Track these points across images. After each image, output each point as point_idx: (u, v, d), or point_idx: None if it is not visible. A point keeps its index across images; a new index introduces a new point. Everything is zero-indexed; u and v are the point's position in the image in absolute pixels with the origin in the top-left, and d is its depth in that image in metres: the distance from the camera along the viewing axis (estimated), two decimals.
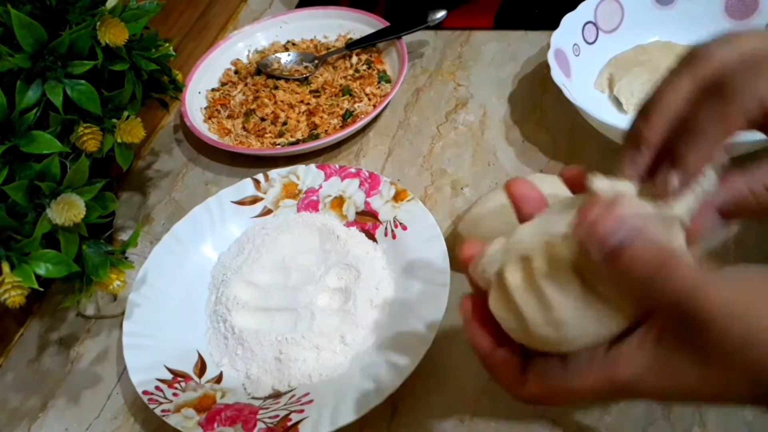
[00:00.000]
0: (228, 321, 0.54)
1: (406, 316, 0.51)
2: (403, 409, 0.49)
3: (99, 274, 0.46)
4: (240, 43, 0.82)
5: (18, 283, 0.42)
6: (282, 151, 0.67)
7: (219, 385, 0.51)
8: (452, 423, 0.48)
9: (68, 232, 0.44)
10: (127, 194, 0.70)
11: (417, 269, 0.54)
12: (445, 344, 0.51)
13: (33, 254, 0.43)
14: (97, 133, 0.48)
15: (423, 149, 0.67)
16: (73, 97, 0.47)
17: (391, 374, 0.47)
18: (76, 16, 0.48)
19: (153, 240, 0.63)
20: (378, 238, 0.58)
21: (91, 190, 0.46)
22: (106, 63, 0.50)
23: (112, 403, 0.54)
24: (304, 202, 0.62)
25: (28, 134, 0.45)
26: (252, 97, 0.76)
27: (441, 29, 0.80)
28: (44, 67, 0.46)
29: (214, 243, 0.61)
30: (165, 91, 0.58)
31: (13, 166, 0.45)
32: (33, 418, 0.54)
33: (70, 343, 0.58)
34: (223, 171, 0.71)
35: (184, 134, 0.76)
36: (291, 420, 0.46)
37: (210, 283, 0.58)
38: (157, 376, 0.51)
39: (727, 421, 0.45)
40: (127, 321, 0.54)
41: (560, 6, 0.67)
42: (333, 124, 0.71)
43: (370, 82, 0.74)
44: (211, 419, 0.48)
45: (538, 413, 0.47)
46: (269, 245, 0.58)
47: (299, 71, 0.78)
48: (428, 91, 0.74)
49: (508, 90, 0.71)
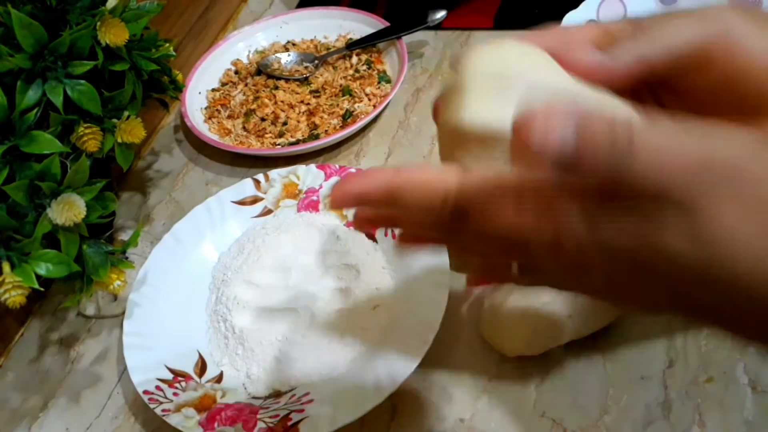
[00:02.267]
0: (228, 321, 0.54)
1: (406, 316, 0.51)
2: (403, 409, 0.49)
3: (99, 274, 0.46)
4: (240, 43, 0.82)
5: (18, 283, 0.42)
6: (282, 151, 0.67)
7: (219, 384, 0.51)
8: (452, 423, 0.48)
9: (68, 232, 0.44)
10: (127, 194, 0.70)
11: (417, 269, 0.54)
12: (445, 344, 0.51)
13: (33, 254, 0.43)
14: (97, 133, 0.48)
15: (423, 149, 0.68)
16: (73, 97, 0.47)
17: (391, 374, 0.47)
18: (76, 16, 0.48)
19: (153, 240, 0.63)
20: (378, 238, 0.58)
21: (92, 190, 0.46)
22: (107, 63, 0.50)
23: (112, 403, 0.54)
24: (304, 202, 0.62)
25: (29, 134, 0.45)
26: (252, 97, 0.76)
27: (441, 29, 0.80)
28: (44, 67, 0.46)
29: (215, 243, 0.61)
30: (165, 91, 0.58)
31: (13, 166, 0.45)
32: (34, 417, 0.54)
33: (70, 342, 0.58)
34: (223, 171, 0.71)
35: (184, 134, 0.76)
36: (291, 420, 0.46)
37: (210, 283, 0.58)
38: (158, 375, 0.51)
39: (726, 421, 0.45)
40: (127, 321, 0.54)
41: (560, 6, 0.67)
42: (333, 124, 0.71)
43: (370, 82, 0.74)
44: (212, 419, 0.48)
45: (538, 413, 0.47)
46: (269, 245, 0.58)
47: (299, 71, 0.78)
48: (428, 91, 0.74)
49: None
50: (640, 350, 0.49)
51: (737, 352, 0.48)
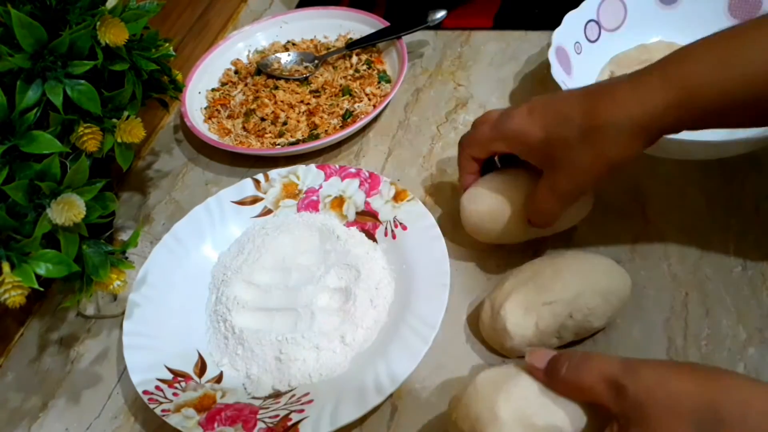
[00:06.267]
0: (228, 321, 0.54)
1: (406, 316, 0.51)
2: (403, 409, 0.49)
3: (99, 274, 0.46)
4: (240, 43, 0.82)
5: (18, 283, 0.42)
6: (282, 151, 0.67)
7: (219, 384, 0.51)
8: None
9: (68, 232, 0.44)
10: (127, 194, 0.70)
11: (417, 269, 0.54)
12: (445, 344, 0.51)
13: (33, 254, 0.43)
14: (97, 133, 0.48)
15: (423, 149, 0.68)
16: (73, 97, 0.47)
17: (391, 374, 0.47)
18: (76, 16, 0.48)
19: (153, 240, 0.63)
20: (378, 238, 0.58)
21: (91, 190, 0.46)
22: (106, 63, 0.50)
23: (112, 403, 0.54)
24: (304, 202, 0.62)
25: (28, 134, 0.45)
26: (252, 97, 0.76)
27: (441, 29, 0.80)
28: (44, 67, 0.46)
29: (215, 243, 0.61)
30: (165, 91, 0.58)
31: (13, 166, 0.45)
32: (33, 417, 0.54)
33: (70, 343, 0.58)
34: (223, 171, 0.71)
35: (184, 134, 0.76)
36: (291, 420, 0.46)
37: (210, 283, 0.58)
38: (158, 375, 0.51)
39: None
40: (127, 321, 0.54)
41: (560, 6, 0.67)
42: (333, 124, 0.71)
43: (370, 82, 0.74)
44: (212, 419, 0.48)
45: None
46: (269, 245, 0.58)
47: (299, 71, 0.78)
48: (428, 91, 0.74)
49: (508, 90, 0.71)
50: (640, 350, 0.49)
51: (737, 352, 0.48)
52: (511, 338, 0.48)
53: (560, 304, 0.47)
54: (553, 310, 0.47)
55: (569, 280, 0.48)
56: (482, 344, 0.51)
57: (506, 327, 0.48)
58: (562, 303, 0.47)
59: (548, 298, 0.47)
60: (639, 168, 0.59)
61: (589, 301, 0.47)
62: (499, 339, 0.49)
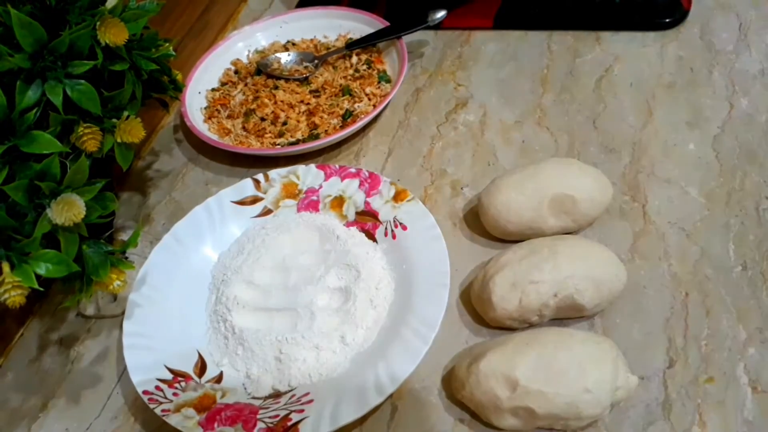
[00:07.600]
0: (228, 321, 0.54)
1: (406, 316, 0.51)
2: (403, 409, 0.49)
3: (99, 274, 0.46)
4: (240, 43, 0.82)
5: (18, 283, 0.42)
6: (282, 151, 0.67)
7: (219, 384, 0.51)
8: (452, 423, 0.48)
9: (68, 232, 0.44)
10: (127, 194, 0.70)
11: (417, 269, 0.54)
12: (445, 344, 0.51)
13: (33, 254, 0.43)
14: (97, 133, 0.48)
15: (423, 149, 0.68)
16: (73, 97, 0.47)
17: (391, 374, 0.47)
18: (76, 16, 0.48)
19: (153, 240, 0.63)
20: (378, 238, 0.58)
21: (91, 190, 0.46)
22: (106, 63, 0.50)
23: (112, 403, 0.54)
24: (304, 202, 0.62)
25: (28, 134, 0.45)
26: (252, 97, 0.76)
27: (441, 29, 0.80)
28: (44, 67, 0.46)
29: (214, 243, 0.61)
30: (165, 91, 0.58)
31: (13, 166, 0.45)
32: (33, 417, 0.54)
33: (70, 343, 0.58)
34: (223, 171, 0.71)
35: (184, 134, 0.76)
36: (291, 420, 0.46)
37: (210, 283, 0.58)
38: (158, 375, 0.51)
39: (726, 421, 0.45)
40: (127, 321, 0.54)
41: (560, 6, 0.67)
42: (333, 124, 0.71)
43: (370, 82, 0.74)
44: (211, 419, 0.48)
45: None
46: (269, 245, 0.58)
47: (299, 71, 0.78)
48: (428, 91, 0.74)
49: (508, 90, 0.71)
50: (640, 350, 0.49)
51: (737, 352, 0.48)
52: (494, 309, 0.50)
53: (547, 284, 0.49)
54: (538, 289, 0.49)
55: (562, 263, 0.49)
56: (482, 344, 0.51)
57: (491, 298, 0.50)
58: (550, 283, 0.49)
59: (536, 278, 0.49)
60: (639, 167, 0.59)
61: (578, 283, 0.48)
62: (483, 307, 0.51)
